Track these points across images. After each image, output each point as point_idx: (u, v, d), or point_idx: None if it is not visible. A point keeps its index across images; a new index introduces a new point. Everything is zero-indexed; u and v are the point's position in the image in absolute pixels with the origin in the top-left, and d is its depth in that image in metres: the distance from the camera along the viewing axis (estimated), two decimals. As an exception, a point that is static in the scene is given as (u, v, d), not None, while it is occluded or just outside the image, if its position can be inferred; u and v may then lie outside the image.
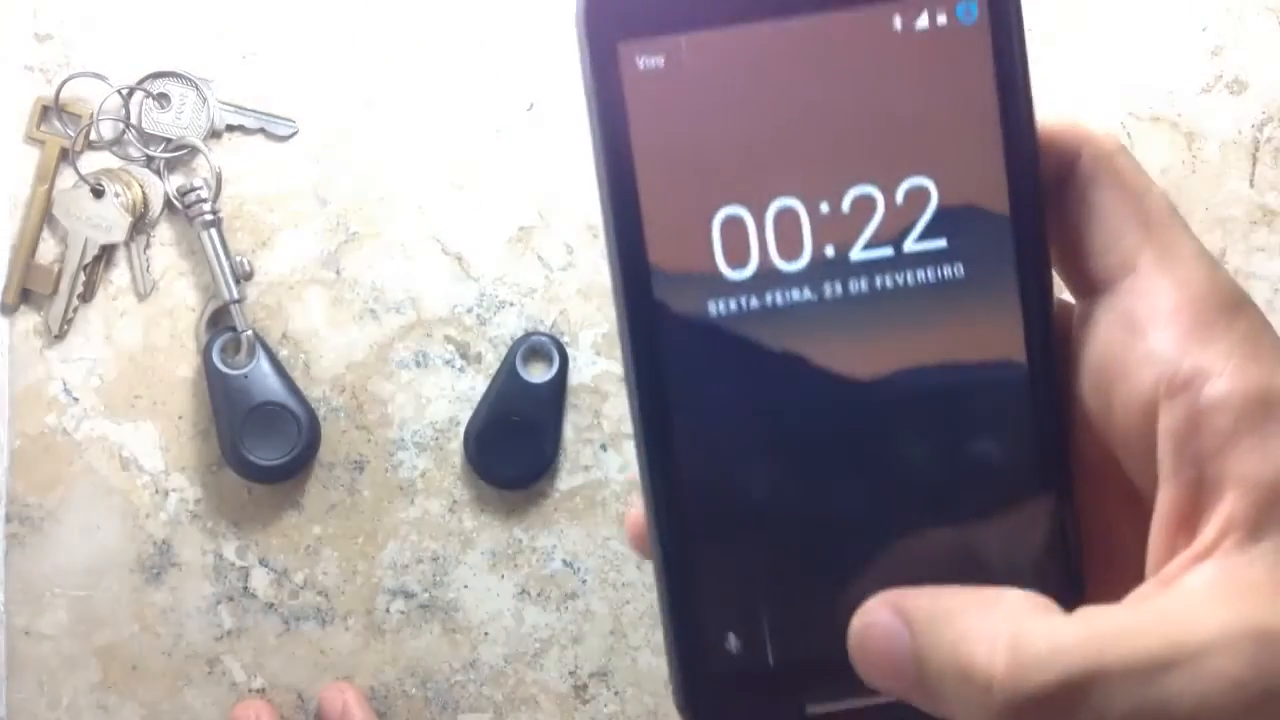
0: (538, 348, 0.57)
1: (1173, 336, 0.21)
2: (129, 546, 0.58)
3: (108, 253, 0.57)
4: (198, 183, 0.56)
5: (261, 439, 0.55)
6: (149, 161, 0.57)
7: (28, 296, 0.57)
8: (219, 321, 0.57)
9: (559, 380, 0.57)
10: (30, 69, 0.56)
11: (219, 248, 0.56)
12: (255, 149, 0.57)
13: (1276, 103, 0.57)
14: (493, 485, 0.58)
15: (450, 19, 0.57)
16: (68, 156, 0.56)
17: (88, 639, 0.58)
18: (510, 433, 0.57)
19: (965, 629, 0.20)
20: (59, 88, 0.56)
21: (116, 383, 0.57)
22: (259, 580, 0.58)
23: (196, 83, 0.56)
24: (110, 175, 0.56)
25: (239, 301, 0.56)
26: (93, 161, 0.57)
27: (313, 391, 0.58)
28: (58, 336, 0.57)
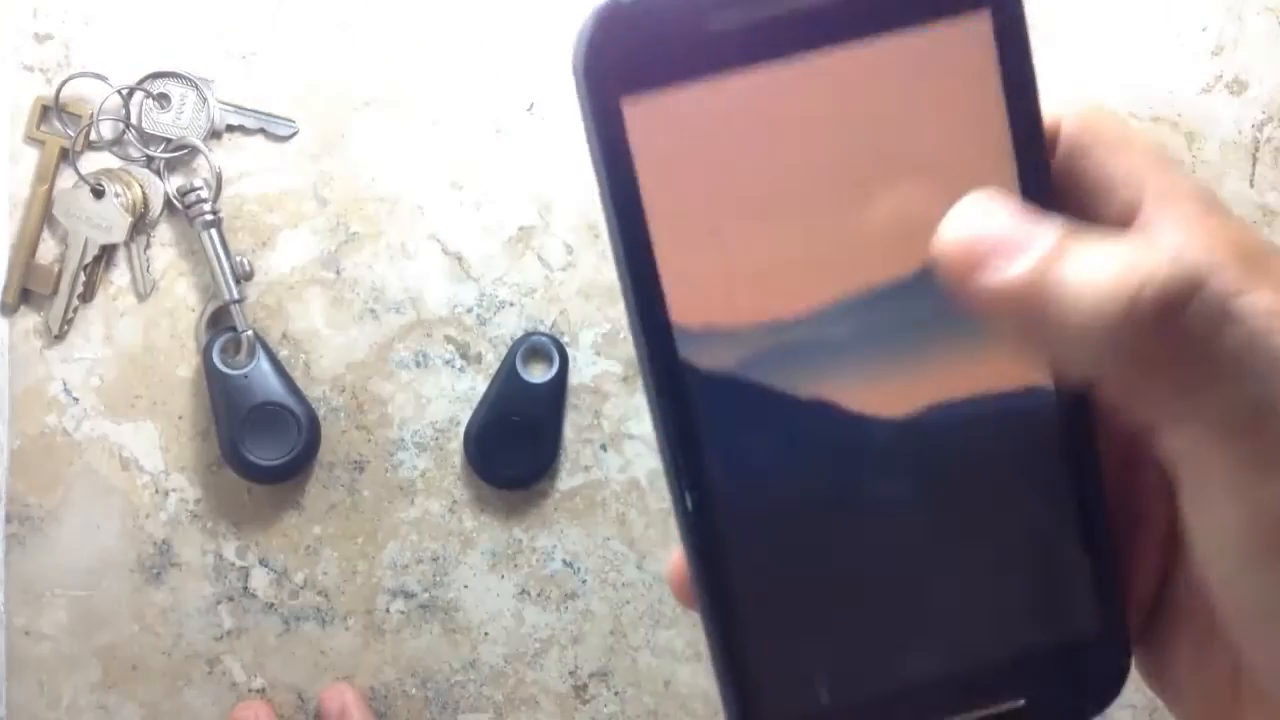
0: (538, 348, 0.57)
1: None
2: (129, 546, 0.58)
3: (108, 253, 0.57)
4: (198, 183, 0.56)
5: (261, 439, 0.55)
6: (149, 161, 0.57)
7: (28, 296, 0.57)
8: (219, 321, 0.57)
9: (559, 380, 0.57)
10: (30, 69, 0.56)
11: (219, 248, 0.56)
12: (255, 149, 0.57)
13: (1276, 103, 0.57)
14: (493, 485, 0.58)
15: (450, 19, 0.57)
16: (68, 156, 0.56)
17: (88, 639, 0.58)
18: (510, 433, 0.57)
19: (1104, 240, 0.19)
20: (59, 88, 0.56)
21: (116, 383, 0.57)
22: (259, 580, 0.58)
23: (196, 83, 0.56)
24: (110, 175, 0.56)
25: (239, 301, 0.56)
26: (93, 161, 0.57)
27: (313, 391, 0.58)
28: (58, 336, 0.57)
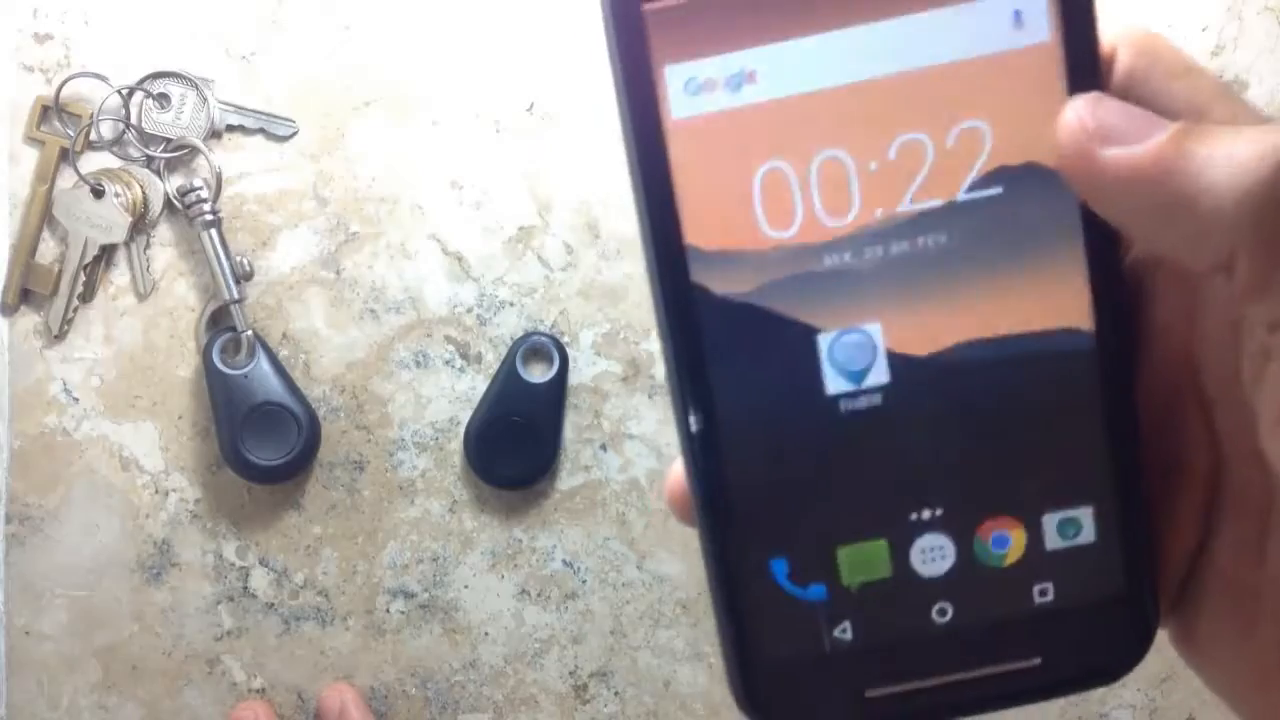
0: (538, 348, 0.57)
1: None
2: (129, 546, 0.58)
3: (108, 253, 0.57)
4: (198, 183, 0.56)
5: (261, 439, 0.55)
6: (149, 161, 0.57)
7: (28, 296, 0.57)
8: (219, 321, 0.57)
9: (559, 380, 0.57)
10: (30, 69, 0.56)
11: (219, 248, 0.56)
12: (255, 149, 0.57)
13: (1276, 103, 0.57)
14: (493, 485, 0.58)
15: (450, 19, 0.57)
16: (68, 156, 0.56)
17: (88, 639, 0.58)
18: (510, 433, 0.57)
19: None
20: (59, 88, 0.56)
21: (116, 383, 0.57)
22: (259, 580, 0.58)
23: (196, 83, 0.56)
24: (110, 175, 0.56)
25: (239, 301, 0.56)
26: (93, 161, 0.57)
27: (313, 391, 0.58)
28: (58, 336, 0.57)
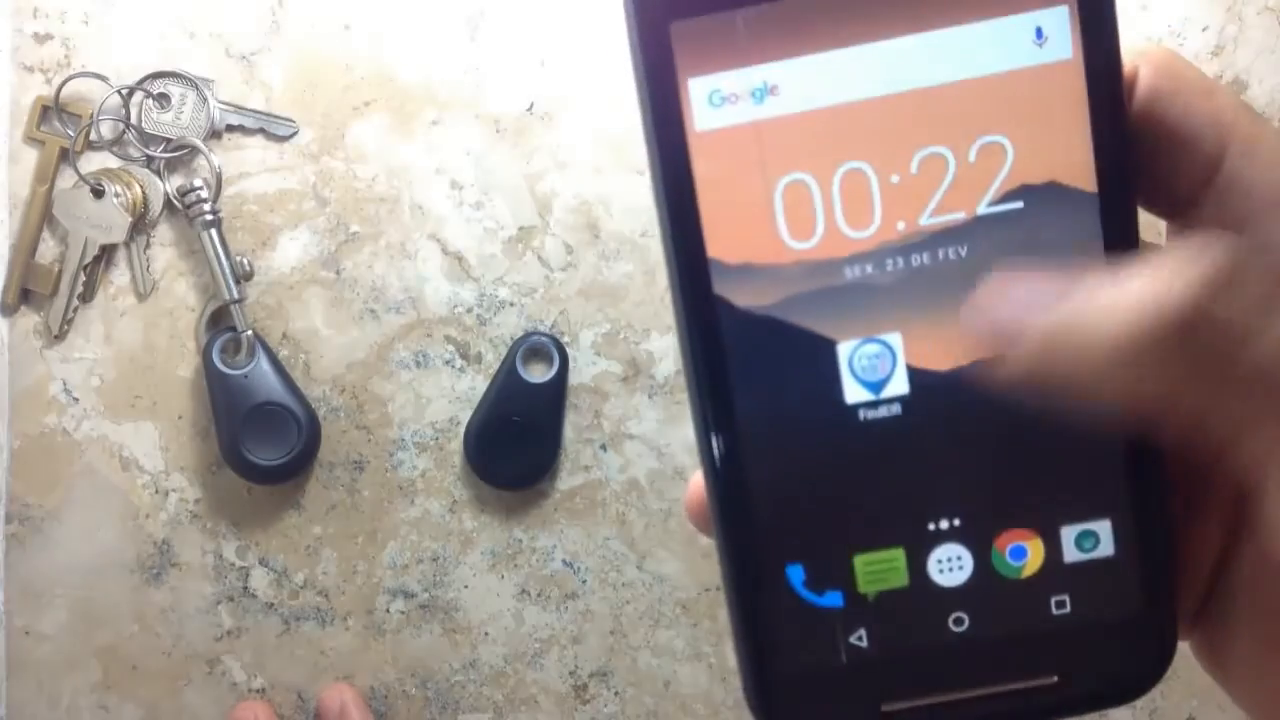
0: (538, 348, 0.57)
1: (1267, 230, 0.20)
2: (129, 546, 0.58)
3: (108, 253, 0.57)
4: (198, 183, 0.56)
5: (261, 439, 0.55)
6: (149, 161, 0.57)
7: (28, 296, 0.57)
8: (219, 321, 0.57)
9: (559, 380, 0.57)
10: (30, 69, 0.56)
11: (219, 248, 0.56)
12: (255, 149, 0.57)
13: (1277, 103, 0.57)
14: (493, 485, 0.58)
15: (450, 19, 0.57)
16: (68, 156, 0.56)
17: (88, 639, 0.58)
18: (510, 433, 0.57)
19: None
20: (59, 88, 0.56)
21: (116, 383, 0.57)
22: (259, 580, 0.58)
23: (196, 83, 0.56)
24: (110, 175, 0.56)
25: (239, 301, 0.56)
26: (93, 161, 0.57)
27: (313, 391, 0.58)
28: (58, 336, 0.57)
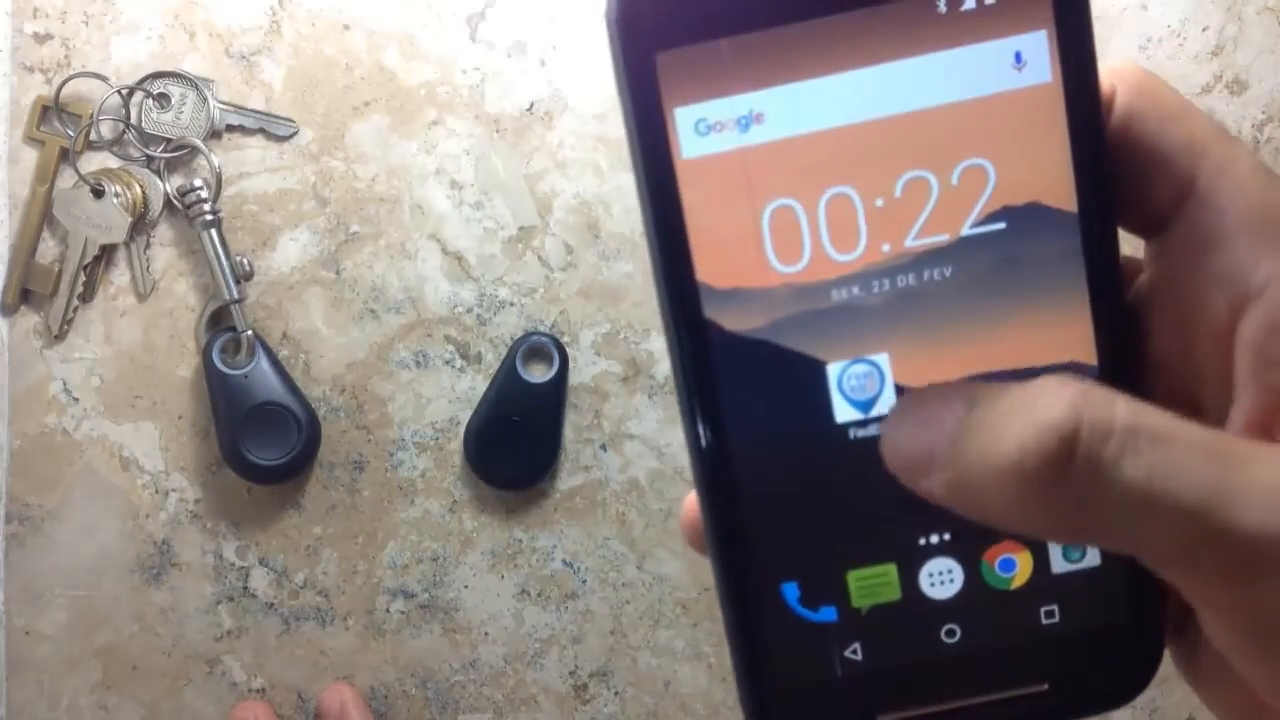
0: (538, 348, 0.57)
1: (1239, 250, 0.20)
2: (129, 546, 0.58)
3: (108, 253, 0.57)
4: (198, 183, 0.56)
5: (261, 439, 0.55)
6: (149, 161, 0.57)
7: (28, 296, 0.57)
8: (219, 321, 0.57)
9: (559, 380, 0.57)
10: (30, 69, 0.56)
11: (219, 248, 0.56)
12: (255, 149, 0.57)
13: (1276, 103, 0.57)
14: (493, 485, 0.58)
15: (450, 19, 0.57)
16: (68, 156, 0.56)
17: (88, 639, 0.58)
18: (510, 433, 0.57)
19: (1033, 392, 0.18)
20: (59, 88, 0.56)
21: (116, 383, 0.57)
22: (259, 580, 0.58)
23: (196, 83, 0.56)
24: (110, 175, 0.56)
25: (239, 301, 0.56)
26: (93, 161, 0.57)
27: (313, 391, 0.57)
28: (58, 336, 0.57)
